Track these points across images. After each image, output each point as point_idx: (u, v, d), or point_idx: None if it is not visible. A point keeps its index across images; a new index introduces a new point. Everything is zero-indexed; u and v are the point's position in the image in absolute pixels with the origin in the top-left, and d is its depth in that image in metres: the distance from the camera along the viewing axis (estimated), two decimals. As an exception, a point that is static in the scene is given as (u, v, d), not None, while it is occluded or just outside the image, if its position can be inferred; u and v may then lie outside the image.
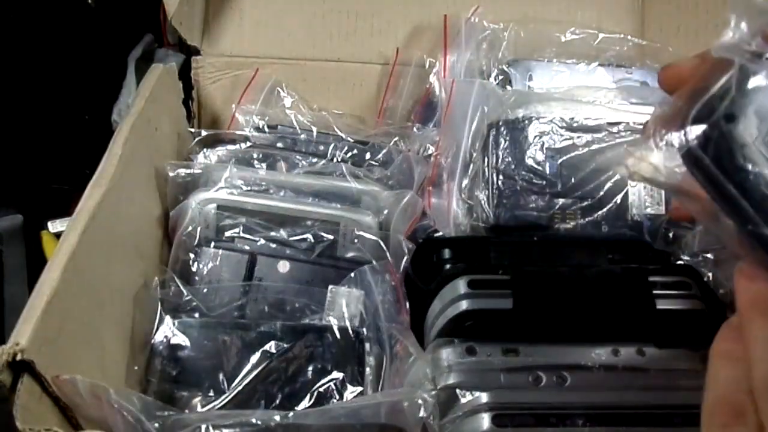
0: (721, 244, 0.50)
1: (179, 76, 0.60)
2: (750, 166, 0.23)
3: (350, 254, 0.51)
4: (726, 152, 0.24)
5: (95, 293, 0.39)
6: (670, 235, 0.53)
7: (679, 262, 0.51)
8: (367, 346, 0.45)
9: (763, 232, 0.23)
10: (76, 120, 0.72)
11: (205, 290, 0.48)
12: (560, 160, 0.53)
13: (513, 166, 0.53)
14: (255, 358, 0.43)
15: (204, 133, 0.59)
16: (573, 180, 0.53)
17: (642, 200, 0.53)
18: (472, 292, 0.44)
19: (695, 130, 0.24)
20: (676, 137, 0.25)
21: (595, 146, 0.54)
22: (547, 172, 0.53)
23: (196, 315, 0.46)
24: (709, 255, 0.51)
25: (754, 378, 0.24)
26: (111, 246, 0.42)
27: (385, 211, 0.52)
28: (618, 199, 0.53)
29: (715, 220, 0.25)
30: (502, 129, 0.54)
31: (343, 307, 0.47)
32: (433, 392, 0.39)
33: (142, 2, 0.67)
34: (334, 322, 0.46)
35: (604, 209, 0.53)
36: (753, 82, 0.24)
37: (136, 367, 0.43)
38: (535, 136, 0.54)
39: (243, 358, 0.43)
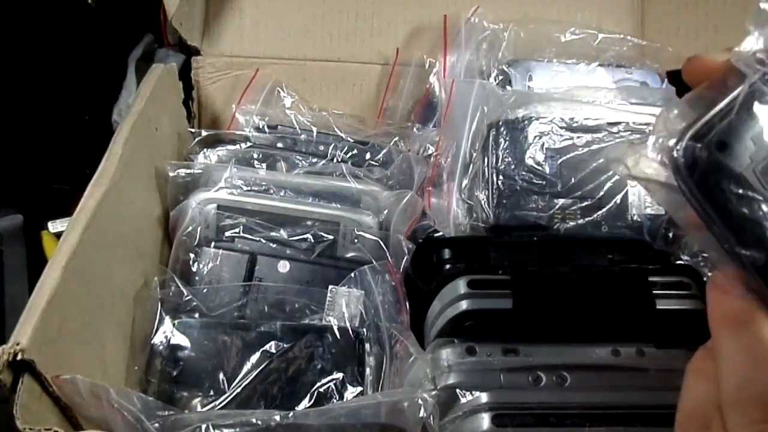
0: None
1: (179, 76, 0.60)
2: (733, 194, 0.24)
3: (350, 254, 0.51)
4: (711, 178, 0.24)
5: (95, 293, 0.39)
6: (670, 235, 0.53)
7: (679, 262, 0.51)
8: (367, 346, 0.45)
9: (738, 252, 0.24)
10: (76, 120, 0.72)
11: (205, 290, 0.48)
12: (560, 160, 0.53)
13: (513, 166, 0.53)
14: (255, 358, 0.43)
15: (204, 133, 0.59)
16: (573, 180, 0.53)
17: (642, 200, 0.53)
18: (472, 292, 0.44)
19: (689, 148, 0.24)
20: (672, 146, 0.25)
21: (595, 146, 0.53)
22: (547, 172, 0.53)
23: (196, 315, 0.46)
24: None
25: (722, 390, 0.25)
26: (111, 246, 0.42)
27: (385, 211, 0.53)
28: (618, 199, 0.53)
29: (702, 230, 0.25)
30: (502, 129, 0.54)
31: (343, 307, 0.47)
32: (433, 392, 0.39)
33: (142, 2, 0.67)
34: (334, 322, 0.46)
35: (604, 209, 0.53)
36: (757, 108, 0.24)
37: (136, 367, 0.43)
38: (535, 136, 0.54)
39: (243, 359, 0.43)
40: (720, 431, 0.25)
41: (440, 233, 0.54)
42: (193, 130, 0.60)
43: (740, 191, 0.24)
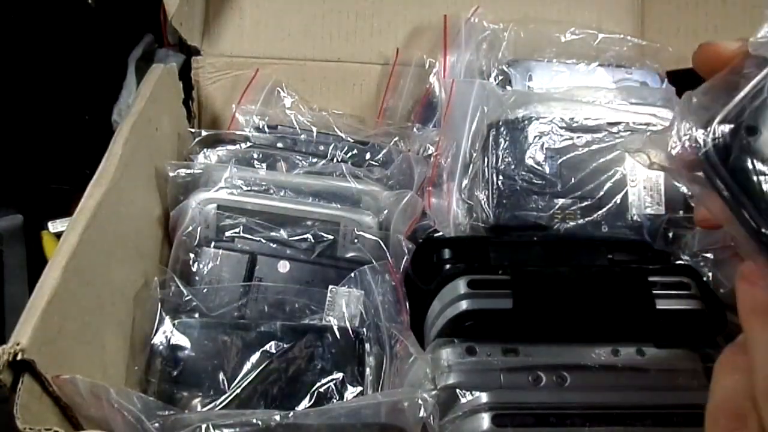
0: (721, 243, 0.50)
1: (179, 76, 0.60)
2: (765, 177, 0.23)
3: (350, 254, 0.51)
4: (741, 163, 0.23)
5: (95, 293, 0.39)
6: (670, 235, 0.53)
7: (679, 262, 0.51)
8: (367, 346, 0.45)
9: None
10: (76, 120, 0.72)
11: (205, 290, 0.48)
12: (560, 160, 0.53)
13: (513, 166, 0.53)
14: (255, 358, 0.43)
15: (204, 133, 0.59)
16: (573, 180, 0.53)
17: (642, 200, 0.53)
18: (472, 292, 0.44)
19: (717, 135, 0.24)
20: (698, 135, 0.24)
21: (595, 146, 0.54)
22: (547, 172, 0.53)
23: (196, 315, 0.46)
24: (709, 255, 0.51)
25: (756, 381, 0.24)
26: (111, 246, 0.42)
27: (385, 211, 0.53)
28: (618, 199, 0.53)
29: (732, 220, 0.24)
30: (502, 129, 0.54)
31: (343, 307, 0.47)
32: (433, 392, 0.39)
33: (142, 2, 0.67)
34: (334, 322, 0.46)
35: (604, 209, 0.53)
36: None
37: (136, 367, 0.43)
38: (535, 136, 0.54)
39: (243, 359, 0.43)
40: (755, 423, 0.24)
41: (440, 233, 0.54)
42: (193, 130, 0.60)
43: None
